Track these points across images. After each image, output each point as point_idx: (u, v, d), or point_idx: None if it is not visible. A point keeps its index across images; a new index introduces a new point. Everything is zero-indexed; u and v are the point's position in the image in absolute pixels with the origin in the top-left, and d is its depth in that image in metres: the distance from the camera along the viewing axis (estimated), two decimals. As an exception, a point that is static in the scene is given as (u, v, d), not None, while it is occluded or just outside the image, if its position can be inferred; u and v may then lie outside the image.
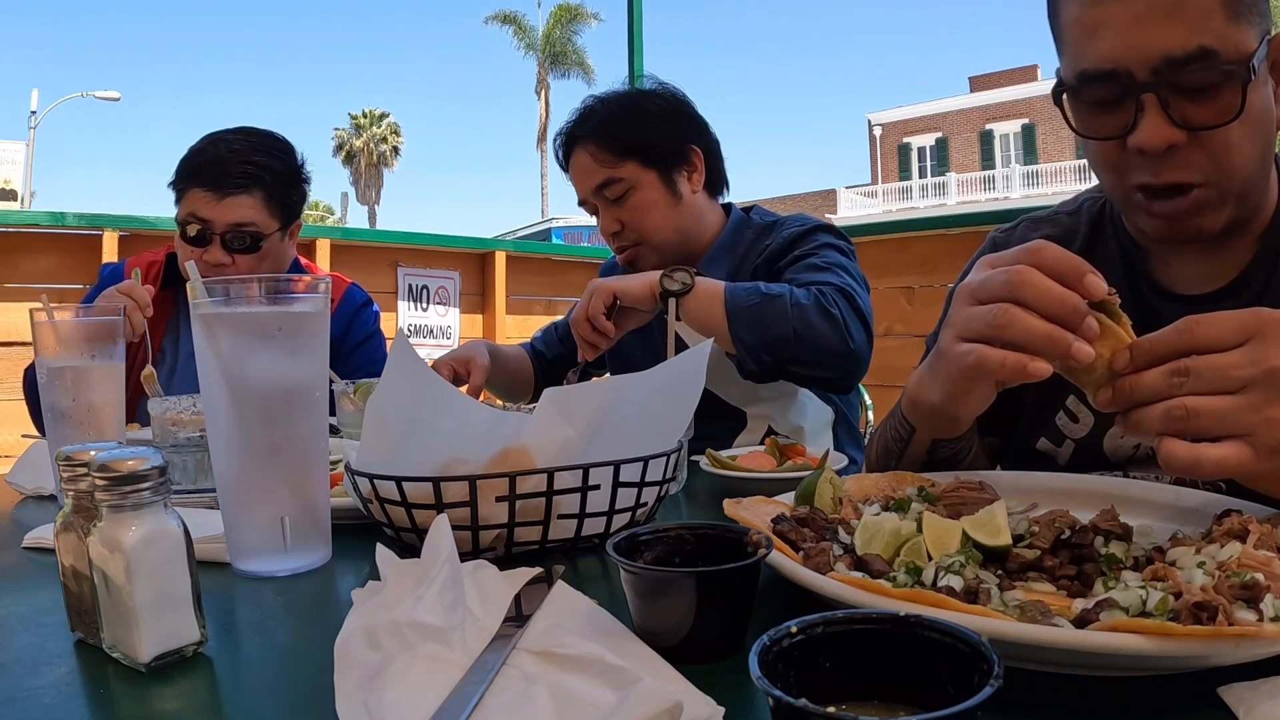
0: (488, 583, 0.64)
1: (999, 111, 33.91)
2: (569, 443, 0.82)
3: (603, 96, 1.73)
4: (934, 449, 0.94)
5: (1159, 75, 0.84)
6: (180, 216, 1.76)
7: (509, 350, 1.93)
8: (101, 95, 25.44)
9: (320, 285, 0.81)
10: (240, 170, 1.74)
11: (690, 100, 1.75)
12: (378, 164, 43.06)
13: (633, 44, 4.09)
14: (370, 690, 0.50)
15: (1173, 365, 0.65)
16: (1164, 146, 0.85)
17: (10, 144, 18.68)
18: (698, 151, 1.69)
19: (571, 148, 1.71)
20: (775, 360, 1.39)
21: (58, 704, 0.54)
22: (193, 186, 1.74)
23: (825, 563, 0.64)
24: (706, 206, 1.73)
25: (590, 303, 1.45)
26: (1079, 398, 1.04)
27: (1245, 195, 0.90)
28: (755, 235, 1.70)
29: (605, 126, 1.66)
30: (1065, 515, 0.69)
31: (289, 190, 1.83)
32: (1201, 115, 0.84)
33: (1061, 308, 0.70)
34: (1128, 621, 0.50)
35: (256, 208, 1.76)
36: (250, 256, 1.77)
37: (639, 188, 1.65)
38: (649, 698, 0.45)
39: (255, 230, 1.76)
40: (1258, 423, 0.62)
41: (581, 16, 37.98)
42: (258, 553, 0.79)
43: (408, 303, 3.80)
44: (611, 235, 1.71)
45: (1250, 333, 0.64)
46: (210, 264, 1.73)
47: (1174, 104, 0.84)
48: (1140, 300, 1.01)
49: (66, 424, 1.06)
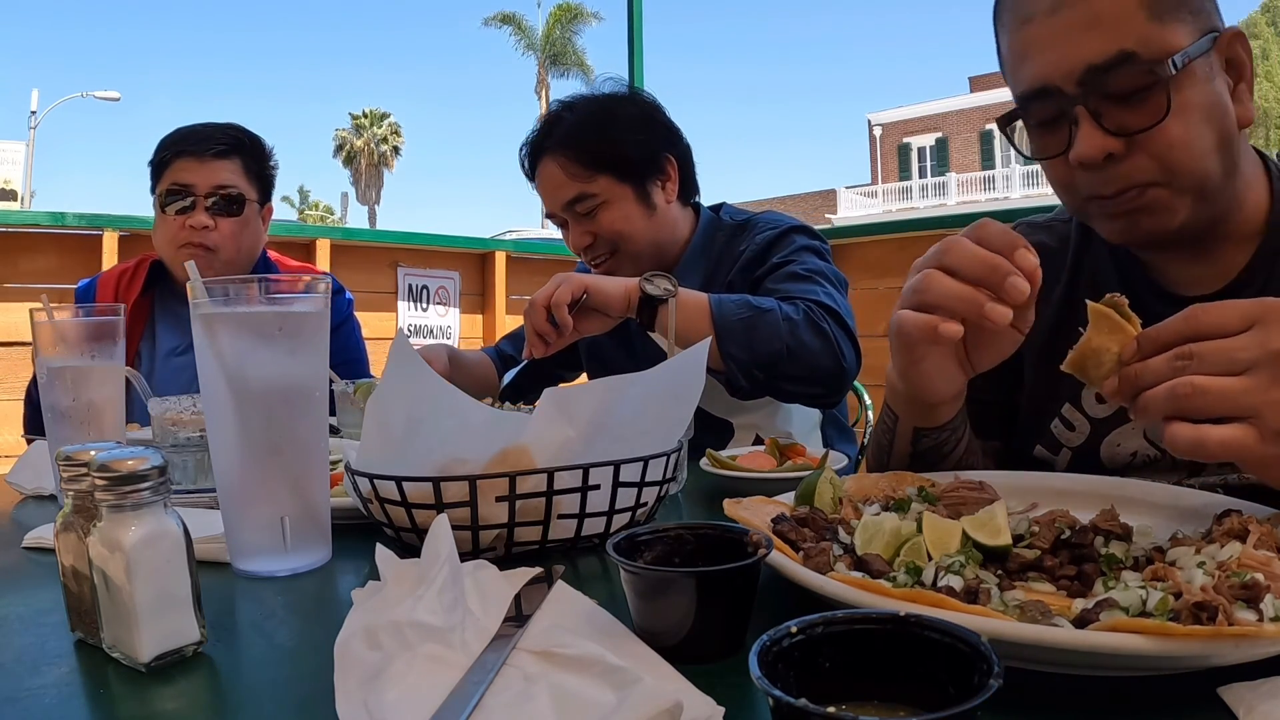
0: (488, 583, 0.64)
1: (999, 111, 33.63)
2: (569, 443, 0.82)
3: (570, 103, 1.65)
4: (917, 438, 0.94)
5: (1085, 86, 0.85)
6: (162, 189, 1.81)
7: (471, 355, 1.88)
8: (102, 95, 25.46)
9: (320, 285, 0.81)
10: (221, 137, 1.84)
11: (661, 105, 1.68)
12: (378, 164, 43.10)
13: (632, 44, 4.09)
14: (370, 690, 0.50)
15: (1177, 350, 0.66)
16: (1101, 156, 0.86)
17: (10, 144, 18.71)
18: (672, 160, 1.63)
19: (538, 159, 1.62)
20: (767, 377, 1.33)
21: (58, 704, 0.54)
22: (175, 156, 1.81)
23: (825, 563, 0.64)
24: (679, 213, 1.67)
25: (556, 291, 1.32)
26: (1075, 406, 1.04)
27: (1204, 192, 0.89)
28: (727, 236, 1.66)
29: (575, 138, 1.58)
30: (1065, 515, 0.69)
31: (263, 164, 1.91)
32: (1133, 119, 0.85)
33: (981, 267, 0.73)
34: (1128, 621, 0.50)
35: (237, 173, 1.84)
36: (232, 220, 1.82)
37: (613, 202, 1.58)
38: (649, 698, 0.45)
39: (237, 193, 1.83)
40: (1262, 404, 0.62)
41: (581, 16, 38.00)
42: (258, 553, 0.79)
43: (408, 303, 3.79)
44: (584, 249, 1.63)
45: (1254, 319, 0.64)
46: (194, 228, 1.78)
47: (1105, 113, 0.85)
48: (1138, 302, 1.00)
49: (66, 424, 1.06)
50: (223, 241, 1.82)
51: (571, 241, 1.65)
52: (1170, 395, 0.65)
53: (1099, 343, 0.70)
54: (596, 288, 1.34)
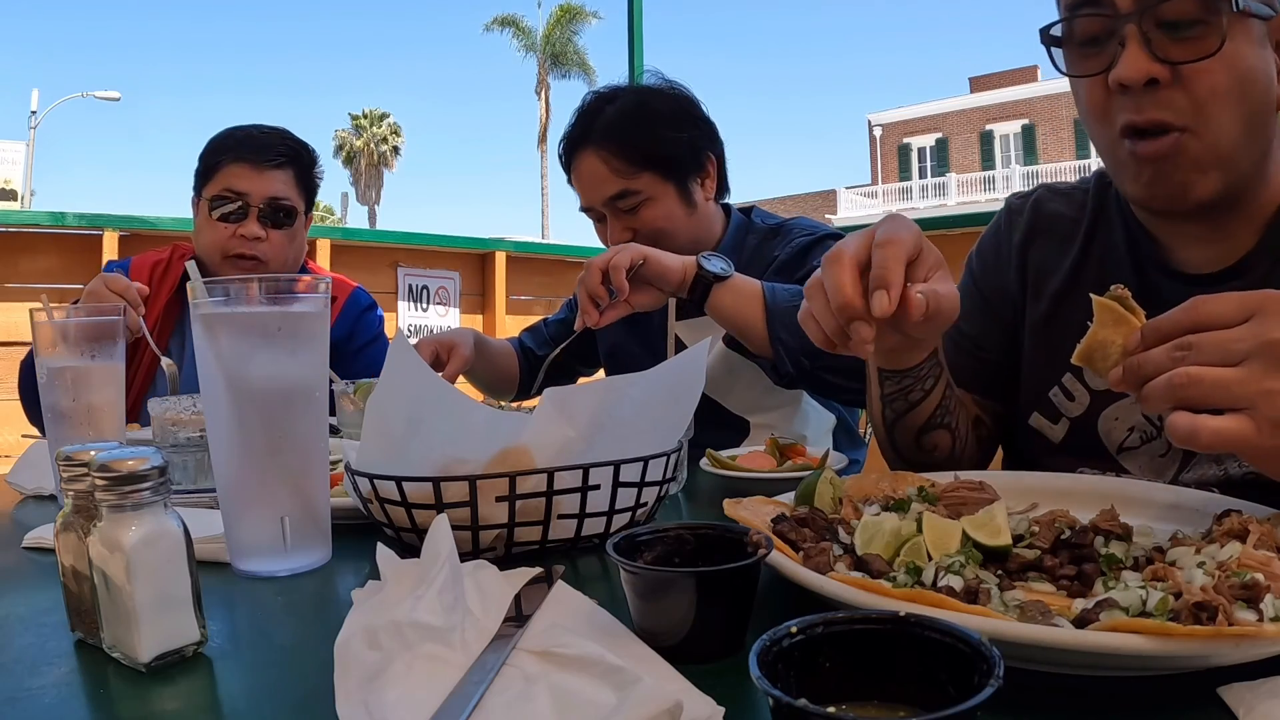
0: (488, 583, 0.64)
1: (999, 112, 33.91)
2: (569, 443, 0.82)
3: (607, 95, 1.63)
4: (882, 380, 0.97)
5: (1141, 7, 0.85)
6: (212, 193, 1.77)
7: (497, 344, 1.85)
8: (102, 95, 25.46)
9: (320, 285, 0.81)
10: (280, 147, 1.80)
11: (699, 100, 1.67)
12: (378, 164, 43.07)
13: (633, 43, 4.09)
14: (370, 690, 0.50)
15: (1177, 341, 0.66)
16: (1144, 79, 0.85)
17: (10, 144, 18.70)
18: (712, 158, 1.63)
19: (577, 152, 1.61)
20: (813, 366, 1.34)
21: (58, 704, 0.54)
22: (231, 161, 1.77)
23: (825, 563, 0.64)
24: (714, 211, 1.68)
25: (615, 256, 1.31)
26: (1076, 375, 1.05)
27: (1232, 160, 0.88)
28: (759, 240, 1.66)
29: (618, 132, 1.56)
30: (1065, 515, 0.69)
31: (311, 175, 1.88)
32: (1182, 51, 0.85)
33: (836, 301, 0.79)
34: (1128, 621, 0.50)
35: (290, 184, 1.81)
36: (283, 232, 1.80)
37: (656, 199, 1.58)
38: (649, 698, 0.45)
39: (291, 205, 1.80)
40: (1258, 394, 0.62)
41: (581, 16, 37.99)
42: (258, 553, 0.79)
43: (408, 303, 3.79)
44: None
45: (1253, 310, 0.64)
46: (245, 238, 1.75)
47: (1155, 40, 0.85)
48: (1145, 279, 1.01)
49: (66, 424, 1.06)
50: (272, 253, 1.80)
51: (610, 237, 1.63)
52: (1169, 386, 0.65)
53: (1104, 335, 0.71)
54: (655, 258, 1.33)
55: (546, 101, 38.87)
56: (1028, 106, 33.24)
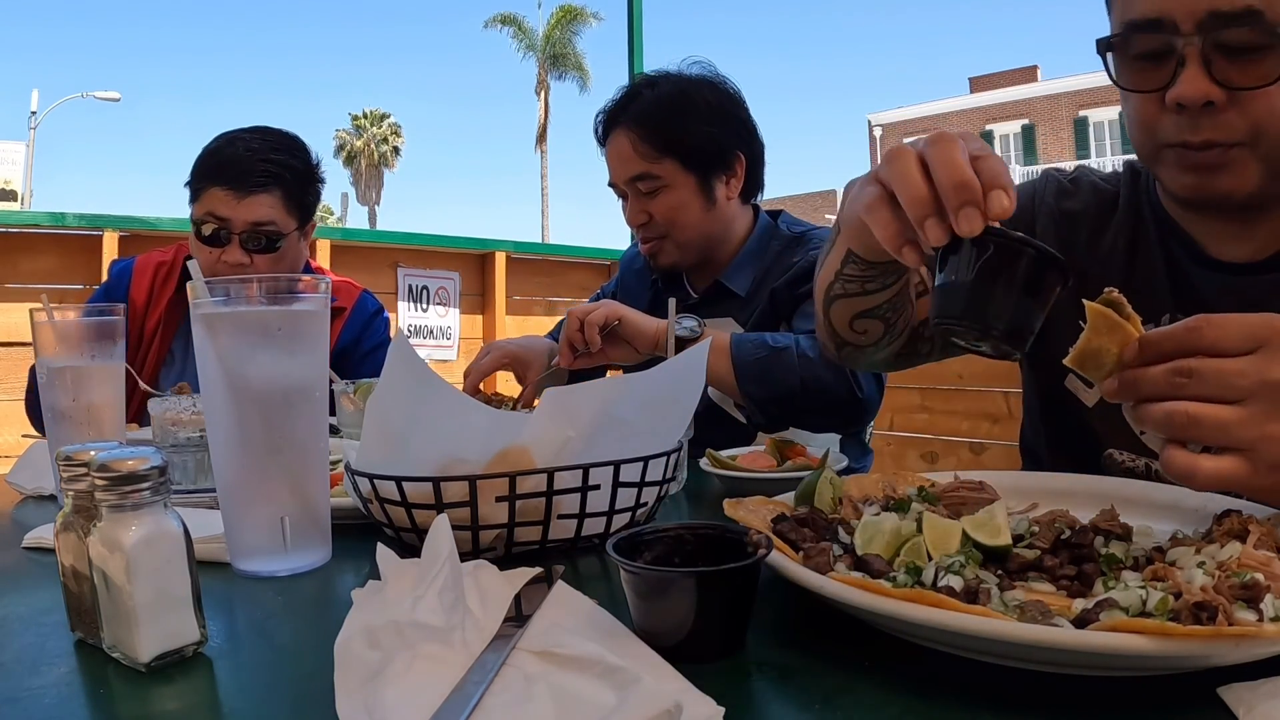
0: (488, 583, 0.64)
1: (999, 112, 33.89)
2: (569, 443, 0.82)
3: (653, 79, 1.65)
4: (847, 260, 0.93)
5: (1203, 29, 0.84)
6: (196, 215, 1.74)
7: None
8: (102, 96, 25.45)
9: (320, 285, 0.81)
10: (261, 169, 1.73)
11: (744, 100, 1.68)
12: (378, 165, 43.09)
13: (633, 44, 4.09)
14: (370, 690, 0.50)
15: (1177, 364, 0.64)
16: (1202, 100, 0.85)
17: (10, 144, 18.71)
18: (741, 159, 1.64)
19: (611, 128, 1.65)
20: (783, 413, 1.40)
21: (58, 704, 0.54)
22: (211, 185, 1.72)
23: (825, 563, 0.64)
24: (738, 212, 1.69)
25: (592, 313, 1.41)
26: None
27: (1276, 162, 0.88)
28: (782, 246, 1.67)
29: (650, 116, 1.59)
30: (1065, 515, 0.69)
31: (306, 189, 1.82)
32: (1242, 76, 0.84)
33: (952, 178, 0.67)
34: (1128, 621, 0.50)
35: (276, 207, 1.75)
36: (268, 256, 1.76)
37: (674, 187, 1.60)
38: (649, 698, 0.46)
39: (274, 229, 1.75)
40: (1257, 438, 0.61)
41: (581, 17, 37.99)
42: (258, 553, 0.79)
43: (408, 303, 3.80)
44: (638, 226, 1.66)
45: (1260, 341, 0.63)
46: (229, 264, 1.72)
47: (1215, 62, 0.85)
48: (1176, 268, 1.01)
49: (66, 424, 1.06)
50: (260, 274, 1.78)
51: (628, 216, 1.68)
52: (1168, 421, 0.64)
53: (1098, 343, 0.68)
54: (630, 320, 1.42)
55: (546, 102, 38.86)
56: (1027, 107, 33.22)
